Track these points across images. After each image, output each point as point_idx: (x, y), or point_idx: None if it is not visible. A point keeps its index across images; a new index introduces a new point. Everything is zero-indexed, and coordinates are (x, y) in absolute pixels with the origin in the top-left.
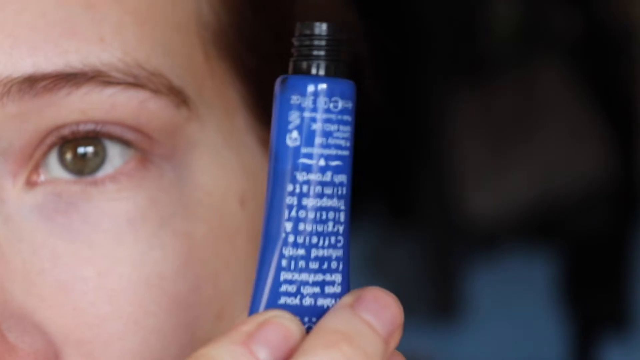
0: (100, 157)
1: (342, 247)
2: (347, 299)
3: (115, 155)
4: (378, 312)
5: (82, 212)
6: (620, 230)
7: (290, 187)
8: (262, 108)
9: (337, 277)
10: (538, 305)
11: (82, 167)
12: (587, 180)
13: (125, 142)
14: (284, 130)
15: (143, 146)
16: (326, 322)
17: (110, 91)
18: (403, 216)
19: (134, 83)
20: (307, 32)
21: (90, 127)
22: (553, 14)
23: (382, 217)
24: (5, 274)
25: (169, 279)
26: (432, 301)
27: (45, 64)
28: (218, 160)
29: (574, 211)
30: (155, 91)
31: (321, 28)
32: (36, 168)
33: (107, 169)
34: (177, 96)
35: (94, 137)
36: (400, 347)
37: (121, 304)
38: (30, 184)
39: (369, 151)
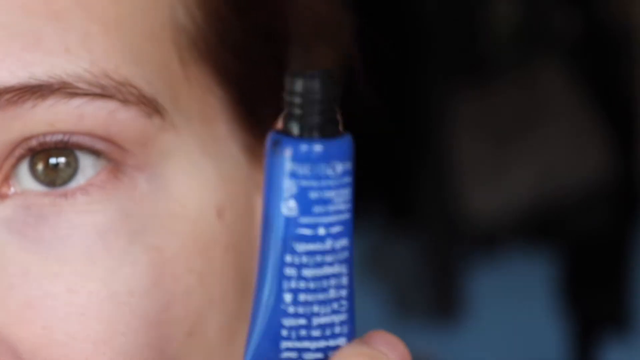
0: (73, 168)
1: (346, 310)
2: (357, 340)
3: (87, 166)
4: (389, 347)
5: (52, 226)
6: (620, 230)
7: (288, 258)
8: (246, 114)
9: (341, 341)
10: (538, 305)
11: (54, 178)
12: (587, 180)
13: (96, 153)
14: (278, 198)
15: (115, 157)
16: (343, 351)
17: (77, 102)
18: (403, 216)
19: (102, 94)
20: (298, 89)
21: (58, 137)
22: (553, 14)
23: (382, 217)
24: None
25: (139, 296)
26: (432, 301)
27: (9, 77)
28: (194, 171)
29: (574, 211)
30: (125, 101)
31: (313, 84)
32: (6, 180)
33: (79, 180)
34: (149, 106)
35: (65, 148)
36: None
37: (90, 322)
38: (0, 196)
39: (369, 151)
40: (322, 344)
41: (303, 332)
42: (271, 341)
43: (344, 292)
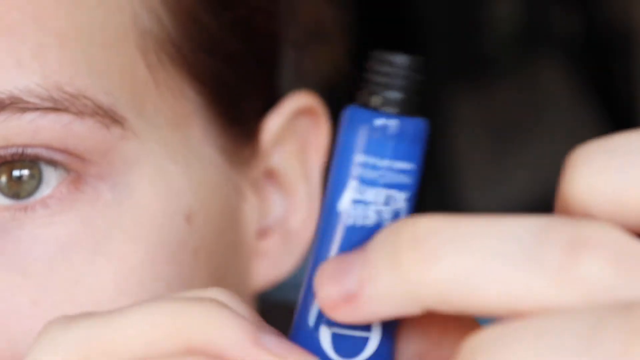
0: (37, 180)
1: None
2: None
3: (51, 178)
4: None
5: (14, 239)
6: None
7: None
8: (224, 114)
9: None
10: None
11: (18, 191)
12: None
13: (54, 164)
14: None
15: (74, 167)
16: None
17: (30, 117)
18: None
19: (54, 107)
20: (392, 62)
21: (12, 150)
22: (553, 14)
23: None
24: None
25: (104, 306)
26: None
27: None
28: (160, 177)
29: None
30: (79, 113)
31: (404, 61)
32: None
33: (44, 192)
34: (106, 116)
35: (23, 160)
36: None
37: None
38: None
39: None
40: None
41: None
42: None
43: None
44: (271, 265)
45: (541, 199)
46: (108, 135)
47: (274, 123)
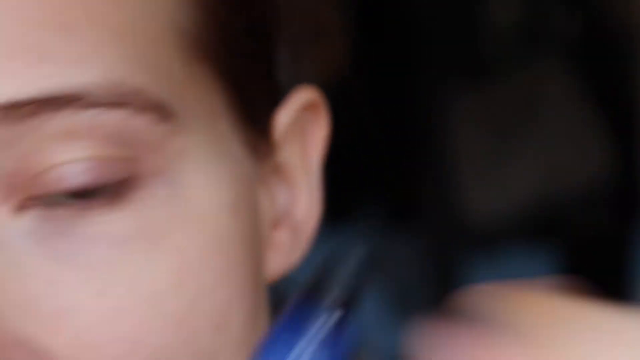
0: (93, 189)
1: None
2: None
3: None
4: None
5: (75, 234)
6: (620, 230)
7: None
8: (245, 110)
9: None
10: None
11: (73, 201)
12: (587, 180)
13: (112, 160)
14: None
15: (130, 164)
16: None
17: (92, 112)
18: (403, 216)
19: (116, 102)
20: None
21: (77, 154)
22: (553, 14)
23: (382, 217)
24: (3, 301)
25: (166, 297)
26: (432, 301)
27: (27, 88)
28: (207, 171)
29: (574, 211)
30: (138, 108)
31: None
32: (28, 197)
33: (103, 189)
34: (161, 111)
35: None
36: (400, 347)
37: (121, 325)
38: (22, 208)
39: (369, 152)
40: None
41: None
42: None
43: None
44: (283, 257)
45: (541, 197)
46: (162, 129)
47: (283, 118)
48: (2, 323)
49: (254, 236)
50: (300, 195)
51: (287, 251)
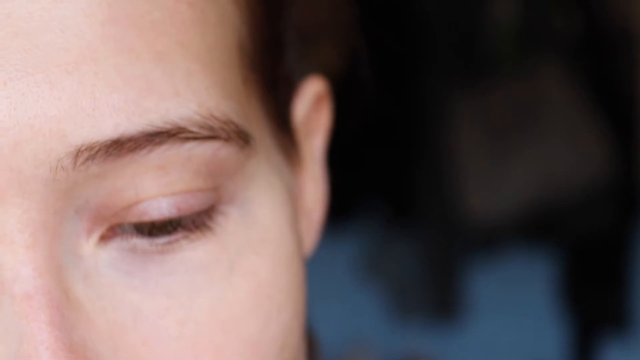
0: (176, 221)
1: None
2: None
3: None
4: None
5: (157, 263)
6: (620, 230)
7: None
8: (277, 113)
9: None
10: (538, 305)
11: (157, 233)
12: (587, 180)
13: (198, 193)
14: None
15: (214, 194)
16: None
17: (189, 145)
18: (403, 216)
19: (211, 135)
20: None
21: (166, 189)
22: (553, 14)
23: (382, 217)
24: (91, 334)
25: (242, 321)
26: (432, 301)
27: (127, 124)
28: (271, 191)
29: (574, 211)
30: (227, 139)
31: None
32: (112, 227)
33: (184, 220)
34: (243, 137)
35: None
36: (400, 347)
37: (202, 352)
38: (104, 238)
39: (369, 152)
40: None
41: None
42: None
43: None
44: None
45: (541, 197)
46: (242, 156)
47: (300, 112)
48: (91, 356)
49: (300, 243)
50: (308, 184)
51: (303, 239)
